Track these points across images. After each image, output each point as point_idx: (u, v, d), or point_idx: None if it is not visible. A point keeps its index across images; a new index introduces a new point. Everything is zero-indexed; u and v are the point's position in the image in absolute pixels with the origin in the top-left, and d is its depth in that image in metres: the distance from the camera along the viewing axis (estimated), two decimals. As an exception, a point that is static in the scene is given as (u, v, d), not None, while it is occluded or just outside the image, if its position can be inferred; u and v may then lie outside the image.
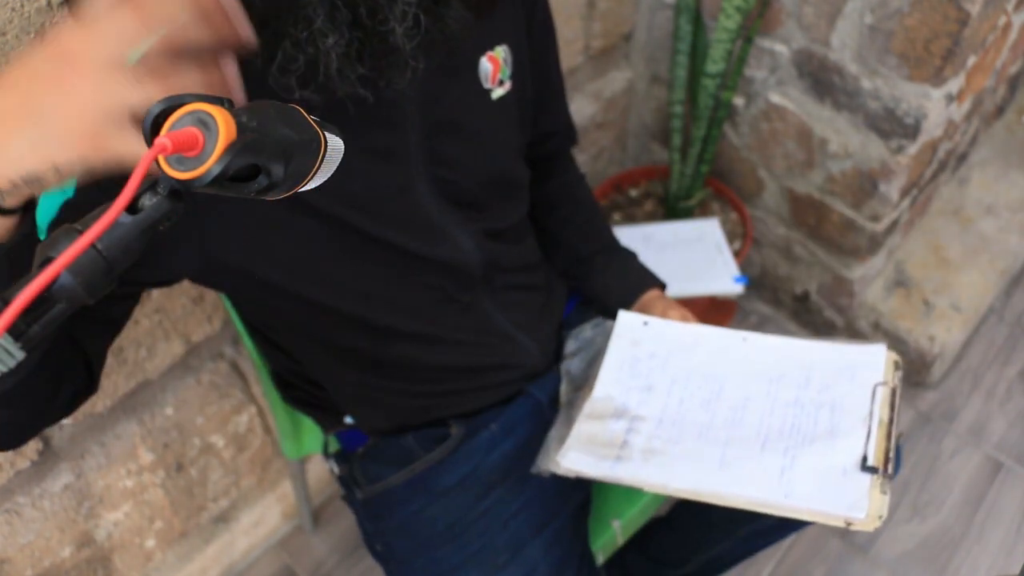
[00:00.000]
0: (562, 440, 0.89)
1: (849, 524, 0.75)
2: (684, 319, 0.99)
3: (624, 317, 0.99)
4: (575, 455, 0.87)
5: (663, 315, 1.00)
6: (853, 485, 0.78)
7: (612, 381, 0.94)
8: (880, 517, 0.75)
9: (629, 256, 1.08)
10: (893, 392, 0.85)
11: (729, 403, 0.89)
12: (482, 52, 0.83)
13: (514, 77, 0.87)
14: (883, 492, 0.76)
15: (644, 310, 1.02)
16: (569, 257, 1.07)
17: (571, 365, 1.00)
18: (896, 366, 0.87)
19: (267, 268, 0.79)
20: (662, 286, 1.06)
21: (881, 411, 0.84)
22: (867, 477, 0.78)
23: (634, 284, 1.05)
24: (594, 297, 1.07)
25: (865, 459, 0.79)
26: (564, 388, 0.98)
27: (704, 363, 0.93)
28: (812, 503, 0.78)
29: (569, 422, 0.91)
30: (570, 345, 1.02)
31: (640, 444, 0.87)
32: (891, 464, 0.79)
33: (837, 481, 0.79)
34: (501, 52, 0.85)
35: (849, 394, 0.86)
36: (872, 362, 0.88)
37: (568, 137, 1.08)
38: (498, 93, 0.86)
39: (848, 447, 0.81)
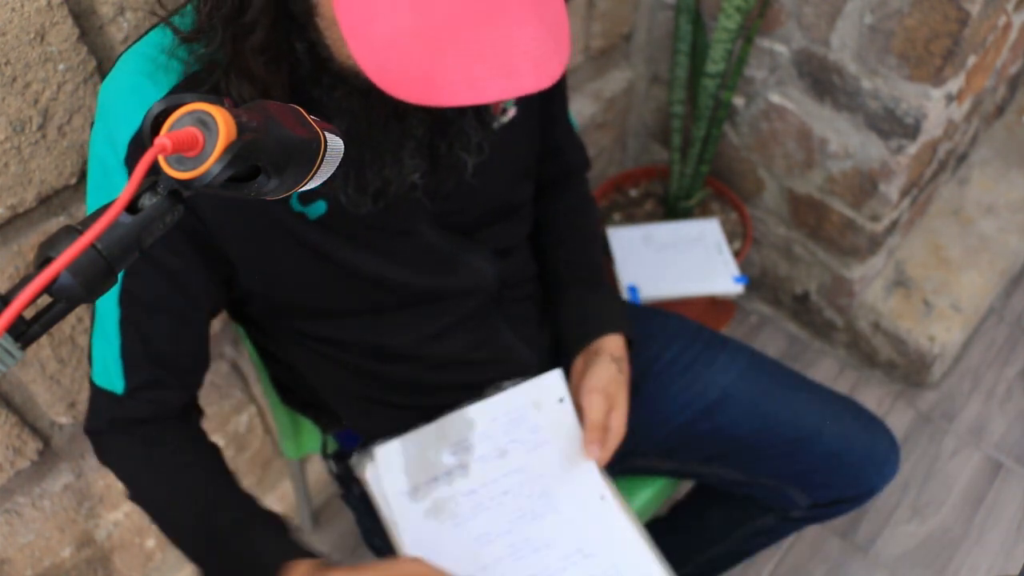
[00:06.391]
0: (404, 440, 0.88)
1: None
2: (607, 399, 0.90)
3: (552, 378, 0.92)
4: (395, 458, 0.85)
5: (602, 385, 0.91)
6: None
7: (488, 417, 0.90)
8: None
9: (604, 297, 1.01)
10: None
11: (530, 534, 0.86)
12: None
13: (519, 102, 0.86)
14: None
15: (591, 357, 0.95)
16: (547, 282, 1.02)
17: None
18: None
19: (280, 297, 0.81)
20: (627, 334, 0.98)
21: None
22: None
23: (591, 328, 0.97)
24: (557, 329, 1.00)
25: None
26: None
27: (557, 482, 0.89)
28: None
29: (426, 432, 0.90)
30: (488, 394, 0.94)
31: (439, 495, 0.85)
32: None
33: None
34: None
35: None
36: None
37: (576, 158, 1.04)
38: (500, 122, 0.84)
39: None
